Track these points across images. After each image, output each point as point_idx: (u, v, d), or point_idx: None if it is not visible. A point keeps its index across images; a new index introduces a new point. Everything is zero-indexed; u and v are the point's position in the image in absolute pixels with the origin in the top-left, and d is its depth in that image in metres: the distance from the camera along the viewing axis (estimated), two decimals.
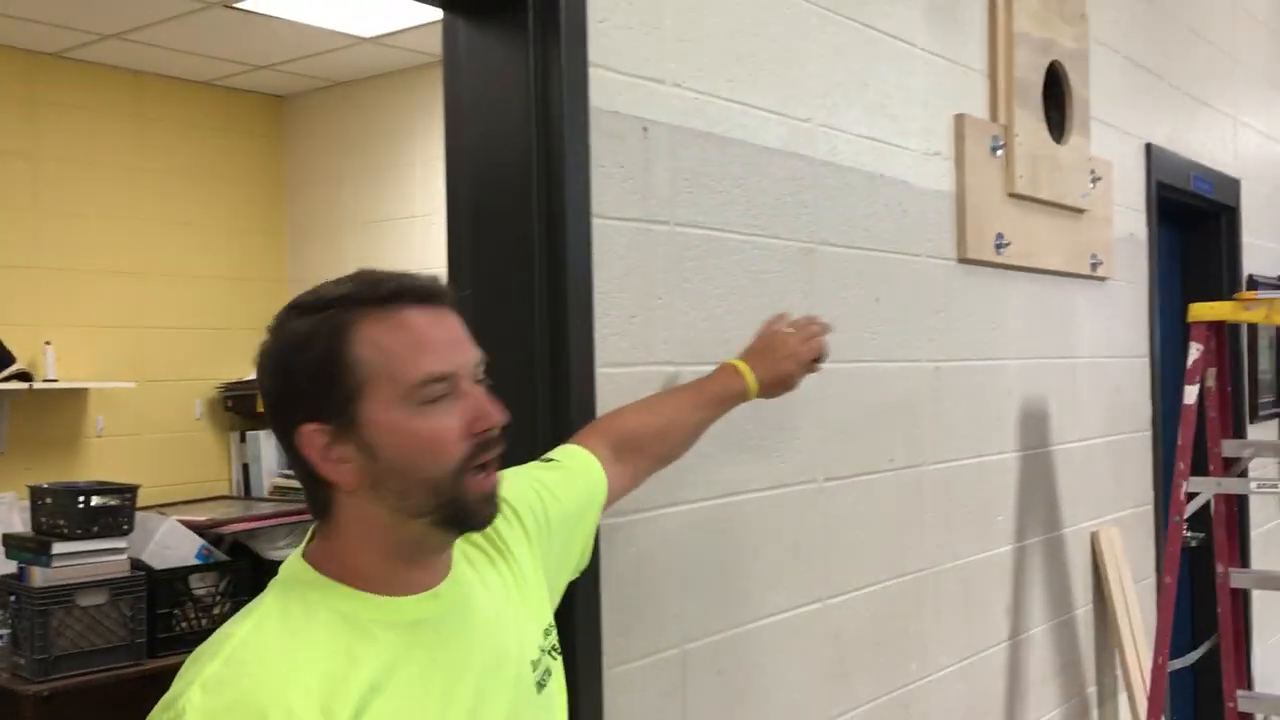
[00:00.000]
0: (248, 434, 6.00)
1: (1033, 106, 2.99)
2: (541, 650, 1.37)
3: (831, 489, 2.35)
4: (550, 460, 1.62)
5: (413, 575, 1.23)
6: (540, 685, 1.35)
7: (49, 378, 5.26)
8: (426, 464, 1.17)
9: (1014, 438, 3.01)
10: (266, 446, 5.86)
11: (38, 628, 3.84)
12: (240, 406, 5.87)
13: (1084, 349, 3.38)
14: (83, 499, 4.03)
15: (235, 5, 4.85)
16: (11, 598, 3.94)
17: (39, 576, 3.91)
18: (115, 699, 3.89)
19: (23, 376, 5.15)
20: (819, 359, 1.92)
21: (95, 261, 5.63)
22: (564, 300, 1.77)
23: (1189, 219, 4.42)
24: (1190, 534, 3.87)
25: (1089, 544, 3.38)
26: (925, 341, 2.65)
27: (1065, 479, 3.24)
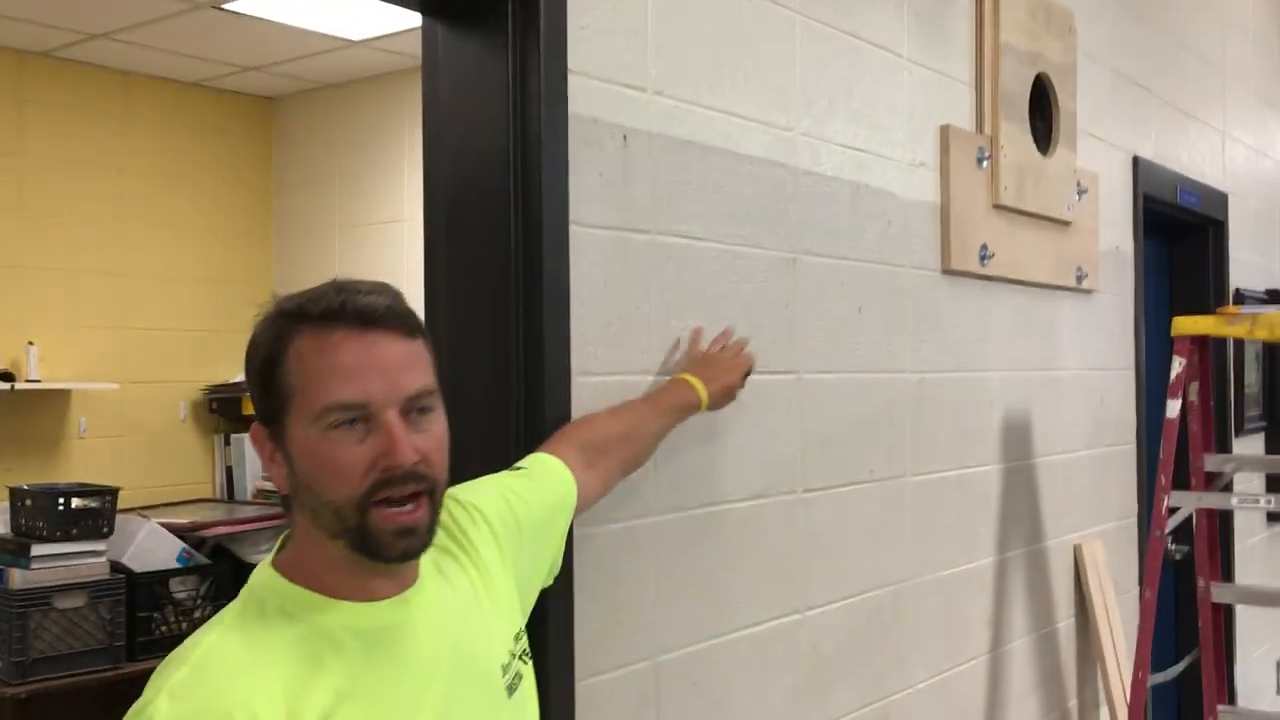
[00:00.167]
0: (232, 436, 5.97)
1: (1019, 118, 2.98)
2: (512, 655, 1.38)
3: (811, 500, 2.34)
4: (519, 468, 1.63)
5: (375, 582, 1.23)
6: (511, 689, 1.35)
7: (31, 378, 5.24)
8: (326, 489, 1.18)
9: (997, 450, 3.00)
10: (250, 449, 5.83)
11: (15, 630, 3.82)
12: (224, 409, 5.84)
13: (1069, 361, 3.37)
14: (62, 501, 4.00)
15: (224, 7, 4.84)
16: None
17: (17, 578, 3.89)
18: (93, 702, 3.87)
19: (5, 376, 5.13)
20: (749, 371, 2.02)
21: (80, 261, 5.60)
22: (540, 308, 1.76)
23: (1176, 232, 4.42)
24: (1175, 547, 3.87)
25: (1072, 557, 3.37)
26: (908, 352, 2.64)
27: (1048, 491, 3.23)
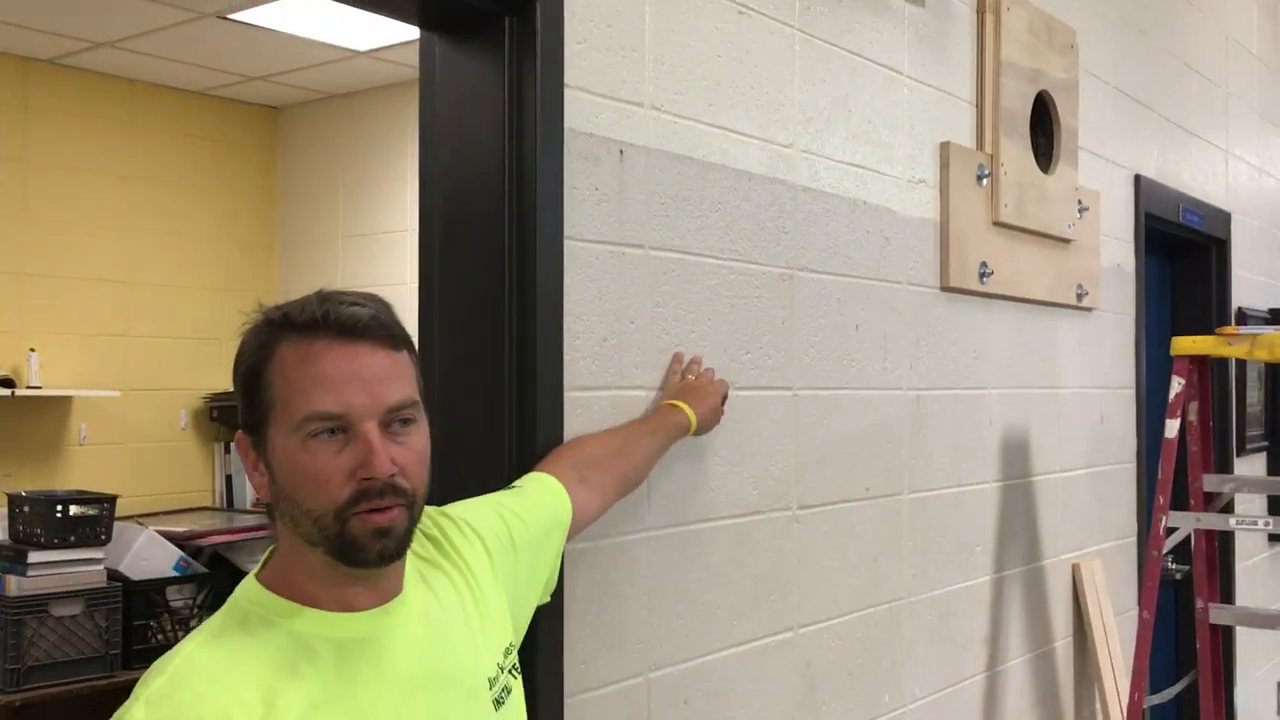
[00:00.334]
0: (232, 445, 5.97)
1: (1020, 136, 2.98)
2: (500, 668, 1.37)
3: (806, 517, 2.33)
4: (513, 487, 1.63)
5: (354, 591, 1.23)
6: (498, 703, 1.35)
7: (32, 384, 5.24)
8: (306, 498, 1.19)
9: (995, 467, 2.99)
10: None
11: (11, 637, 3.82)
12: (225, 417, 5.84)
13: (1069, 379, 3.36)
14: (60, 508, 4.01)
15: (230, 16, 4.85)
16: None
17: (14, 585, 3.89)
18: (88, 711, 3.86)
19: (6, 383, 5.13)
20: (727, 393, 2.05)
21: (83, 269, 5.60)
22: (533, 321, 1.76)
23: (1179, 251, 4.42)
24: (1175, 566, 3.85)
25: (1070, 576, 3.36)
26: (906, 369, 2.64)
27: (1047, 510, 3.22)
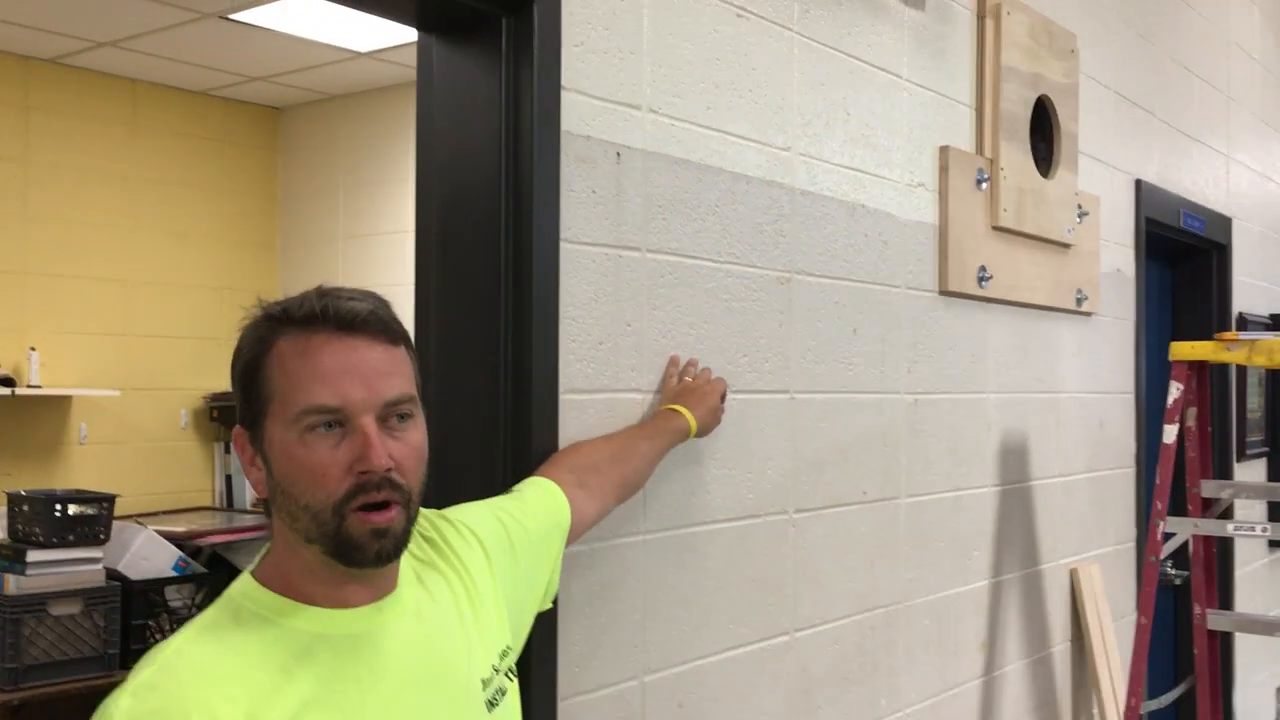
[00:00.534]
0: (231, 445, 5.97)
1: (1019, 140, 2.98)
2: (495, 670, 1.37)
3: (802, 521, 2.33)
4: (512, 492, 1.63)
5: (349, 588, 1.24)
6: (492, 704, 1.35)
7: (33, 384, 5.24)
8: (303, 492, 1.19)
9: (994, 472, 2.99)
10: None
11: (9, 636, 3.82)
12: (225, 417, 5.84)
13: (1068, 384, 3.36)
14: (59, 507, 4.01)
15: (231, 17, 4.85)
16: None
17: (12, 584, 3.90)
18: (86, 710, 3.85)
19: (6, 382, 5.14)
20: (725, 392, 2.04)
21: (83, 268, 5.61)
22: (529, 324, 1.76)
23: (1179, 256, 4.41)
24: (1175, 572, 3.85)
25: (1068, 581, 3.35)
26: (903, 373, 2.64)
27: (1045, 514, 3.22)
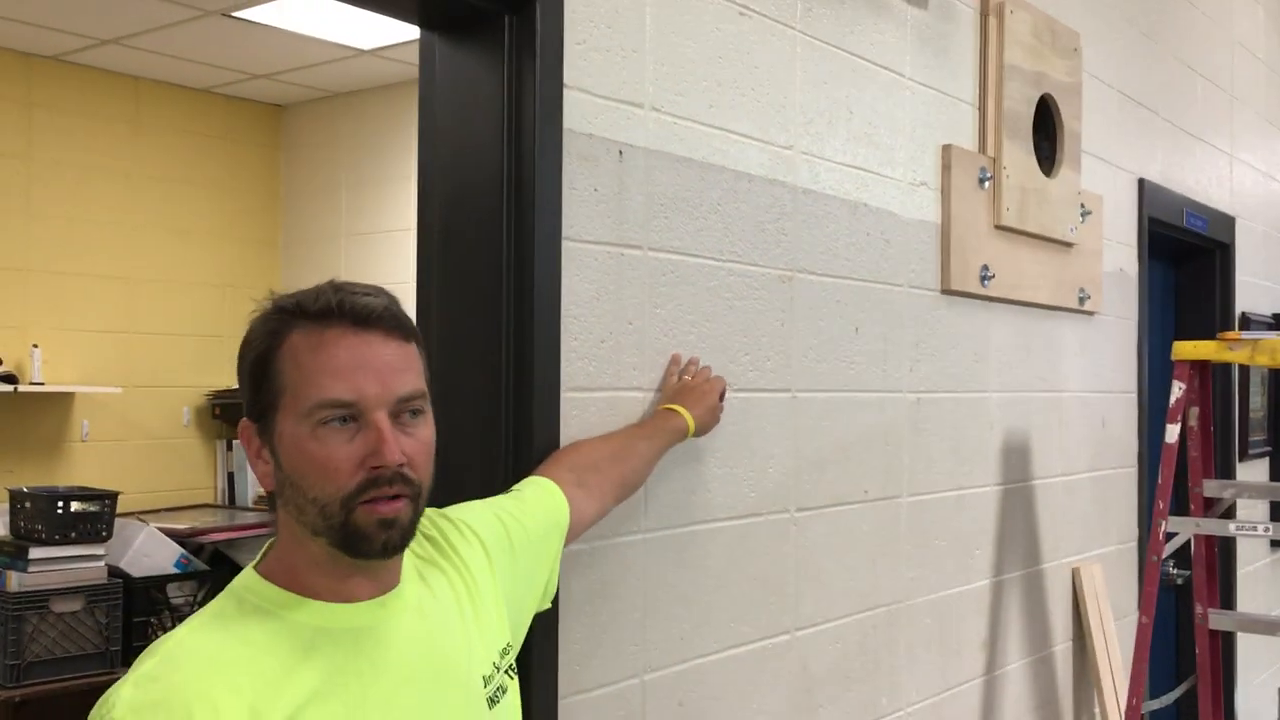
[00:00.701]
0: (234, 442, 5.98)
1: (1022, 139, 2.97)
2: (496, 667, 1.38)
3: (804, 519, 2.33)
4: (512, 491, 1.63)
5: (353, 582, 1.24)
6: (493, 701, 1.35)
7: (35, 380, 5.25)
8: (313, 486, 1.19)
9: (996, 471, 2.98)
10: None
11: (11, 633, 3.83)
12: (228, 414, 5.85)
13: (1070, 383, 3.36)
14: (61, 504, 4.02)
15: (234, 14, 4.85)
16: None
17: (14, 581, 3.90)
18: (88, 707, 3.86)
19: (8, 379, 5.14)
20: (724, 390, 2.04)
21: (86, 265, 5.61)
22: (531, 322, 1.76)
23: (1183, 255, 4.41)
24: (1177, 571, 3.85)
25: (1070, 580, 3.35)
26: (905, 372, 2.63)
27: (1047, 514, 3.22)
